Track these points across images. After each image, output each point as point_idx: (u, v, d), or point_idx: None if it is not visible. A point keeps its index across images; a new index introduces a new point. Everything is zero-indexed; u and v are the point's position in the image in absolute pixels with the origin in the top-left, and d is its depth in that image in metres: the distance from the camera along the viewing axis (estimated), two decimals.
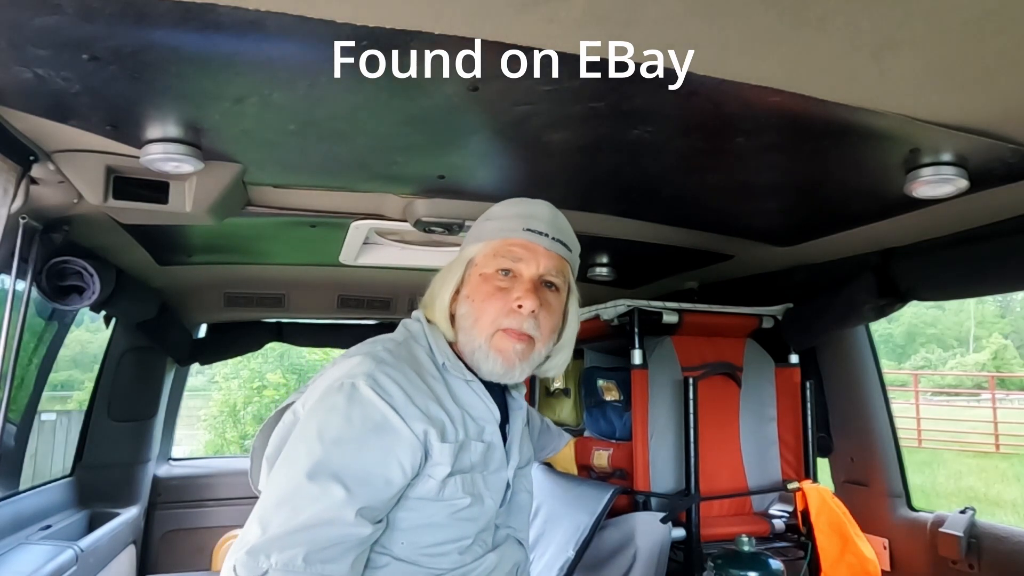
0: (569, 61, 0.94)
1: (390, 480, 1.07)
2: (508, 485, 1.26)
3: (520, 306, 1.19)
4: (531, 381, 2.84)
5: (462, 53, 0.93)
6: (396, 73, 1.00)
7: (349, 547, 1.02)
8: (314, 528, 1.00)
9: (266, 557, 0.97)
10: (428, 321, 1.27)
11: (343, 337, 3.20)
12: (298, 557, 0.98)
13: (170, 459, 3.35)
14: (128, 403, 2.85)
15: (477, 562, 1.17)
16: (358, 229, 1.95)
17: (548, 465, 2.38)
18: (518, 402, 1.35)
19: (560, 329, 1.31)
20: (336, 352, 2.52)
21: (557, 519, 2.01)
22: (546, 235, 1.25)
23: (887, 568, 2.15)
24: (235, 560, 0.99)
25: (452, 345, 1.25)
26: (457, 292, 1.26)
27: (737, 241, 2.02)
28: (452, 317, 1.26)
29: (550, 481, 2.20)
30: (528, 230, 1.24)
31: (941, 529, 1.97)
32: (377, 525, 1.06)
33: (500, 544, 1.24)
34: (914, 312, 34.35)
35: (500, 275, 1.22)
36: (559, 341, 1.32)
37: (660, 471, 1.96)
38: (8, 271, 1.55)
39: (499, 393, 1.29)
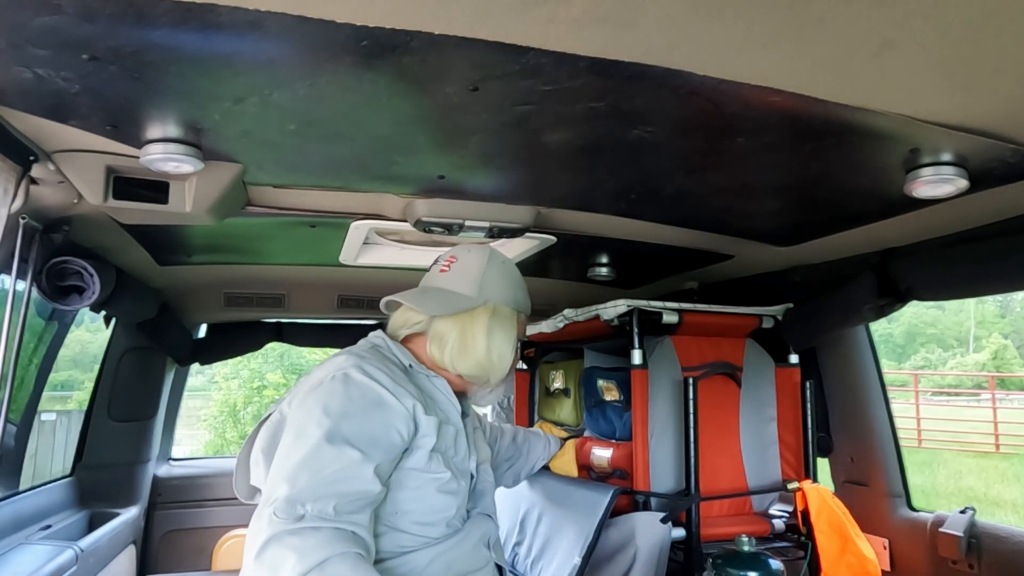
0: (569, 61, 0.94)
1: (393, 444, 1.25)
2: (472, 475, 1.45)
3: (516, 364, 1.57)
4: (530, 381, 2.84)
5: (462, 53, 0.93)
6: (396, 73, 1.00)
7: (368, 502, 1.18)
8: (339, 483, 1.15)
9: (302, 505, 1.11)
10: (389, 337, 1.50)
11: (343, 337, 3.19)
12: (329, 507, 1.12)
13: (170, 459, 3.35)
14: (128, 403, 2.85)
15: (459, 533, 1.37)
16: (358, 229, 1.95)
17: (546, 470, 2.38)
18: (468, 407, 1.59)
19: None
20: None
21: (561, 525, 2.01)
22: None
23: (887, 568, 2.16)
24: (273, 508, 1.11)
25: (417, 356, 1.48)
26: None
27: (737, 241, 2.02)
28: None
29: (550, 486, 2.20)
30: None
31: (941, 529, 1.97)
32: (383, 487, 1.22)
33: (472, 518, 1.44)
34: (914, 312, 34.36)
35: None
36: None
37: (660, 471, 1.96)
38: (8, 271, 1.55)
39: (455, 394, 1.49)
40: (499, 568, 1.50)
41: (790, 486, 2.03)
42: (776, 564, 1.60)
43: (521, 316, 1.57)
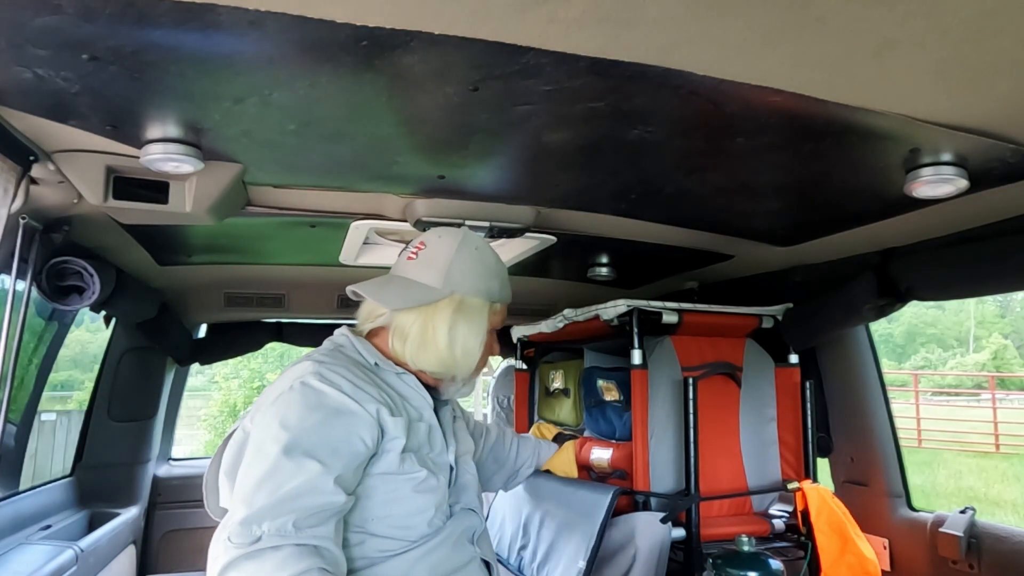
0: (569, 61, 0.94)
1: (356, 452, 1.19)
2: (452, 468, 1.40)
3: (493, 354, 1.50)
4: (530, 381, 2.84)
5: (462, 53, 0.93)
6: (396, 73, 1.00)
7: (331, 514, 1.14)
8: (299, 498, 1.10)
9: (258, 526, 1.06)
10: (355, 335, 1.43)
11: None
12: (288, 523, 1.08)
13: (170, 459, 3.35)
14: (128, 403, 2.85)
15: (440, 532, 1.32)
16: (358, 229, 1.95)
17: (546, 472, 2.38)
18: (442, 399, 1.51)
19: None
20: None
21: (563, 527, 2.01)
22: None
23: (887, 568, 2.16)
24: (228, 532, 1.07)
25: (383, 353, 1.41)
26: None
27: (737, 241, 2.02)
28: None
29: (551, 488, 2.20)
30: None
31: (941, 529, 1.97)
32: (349, 497, 1.17)
33: (455, 514, 1.38)
34: (914, 312, 34.36)
35: (492, 332, 1.49)
36: None
37: (660, 471, 1.96)
38: (8, 271, 1.55)
39: (428, 388, 1.44)
40: (487, 564, 1.44)
41: (790, 486, 2.03)
42: (776, 564, 1.60)
43: (496, 307, 1.48)
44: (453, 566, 1.33)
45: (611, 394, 2.14)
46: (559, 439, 2.25)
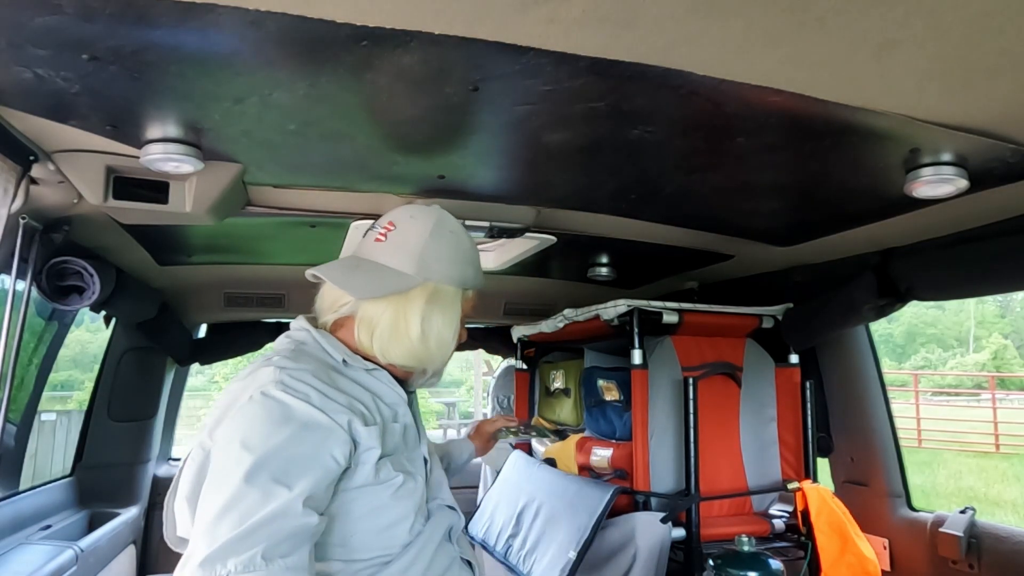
0: (569, 61, 0.94)
1: (328, 470, 1.07)
2: (426, 460, 1.31)
3: (462, 340, 1.39)
4: (530, 380, 2.84)
5: (462, 53, 0.93)
6: (396, 73, 1.00)
7: (304, 539, 1.02)
8: (267, 525, 0.98)
9: (222, 564, 0.95)
10: (315, 327, 1.29)
11: None
12: (257, 555, 0.97)
13: (170, 459, 3.35)
14: (128, 403, 2.85)
15: (420, 536, 1.21)
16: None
17: (550, 463, 2.38)
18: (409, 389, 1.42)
19: None
20: None
21: (557, 519, 2.01)
22: None
23: (887, 568, 2.16)
24: (190, 574, 0.95)
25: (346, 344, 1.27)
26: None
27: (737, 241, 2.02)
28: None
29: (550, 480, 2.20)
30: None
31: (941, 529, 1.97)
32: (321, 517, 1.06)
33: (433, 514, 1.28)
34: (914, 312, 34.37)
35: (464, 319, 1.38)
36: None
37: (660, 471, 1.96)
38: (8, 271, 1.55)
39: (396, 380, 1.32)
40: (469, 564, 1.35)
41: (790, 486, 2.03)
42: (776, 564, 1.60)
43: (469, 294, 1.36)
44: (436, 573, 1.24)
45: (611, 394, 2.15)
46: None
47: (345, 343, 1.26)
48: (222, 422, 1.09)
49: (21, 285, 1.58)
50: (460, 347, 1.44)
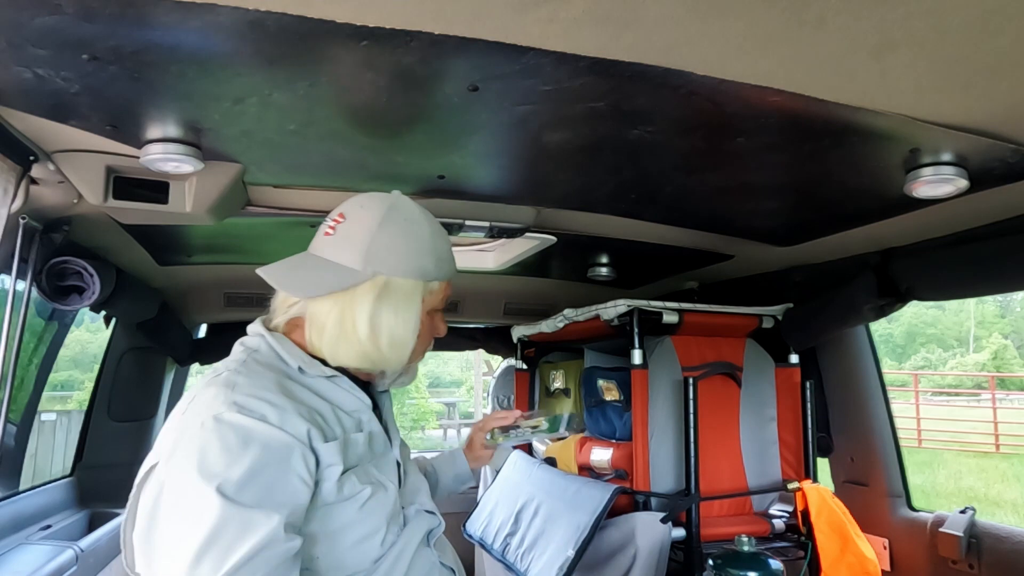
0: (569, 61, 0.94)
1: (298, 488, 1.01)
2: (399, 464, 1.25)
3: (437, 335, 1.32)
4: (530, 381, 2.84)
5: (462, 53, 0.93)
6: (396, 73, 1.00)
7: (292, 565, 0.97)
8: (256, 557, 0.92)
9: None
10: (270, 331, 1.21)
11: None
12: None
13: None
14: (128, 403, 2.85)
15: (394, 547, 1.14)
16: None
17: (550, 462, 2.38)
18: (380, 389, 1.35)
19: None
20: None
21: (557, 518, 2.01)
22: None
23: (887, 568, 2.16)
24: None
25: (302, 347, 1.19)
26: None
27: (737, 241, 2.02)
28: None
29: (550, 479, 2.20)
30: (457, 272, 1.32)
31: (941, 529, 1.97)
32: (300, 537, 1.00)
33: (410, 520, 1.21)
34: (914, 312, 34.39)
35: (435, 314, 1.29)
36: None
37: (660, 471, 1.96)
38: (8, 271, 1.55)
39: (362, 384, 1.24)
40: (451, 570, 1.28)
41: (790, 486, 2.03)
42: (776, 564, 1.60)
43: (434, 285, 1.24)
44: None
45: (611, 394, 2.15)
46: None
47: (300, 346, 1.19)
48: (175, 452, 0.99)
49: (21, 285, 1.58)
50: (448, 346, 1.41)
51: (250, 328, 1.24)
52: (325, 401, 1.14)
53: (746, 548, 1.62)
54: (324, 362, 1.18)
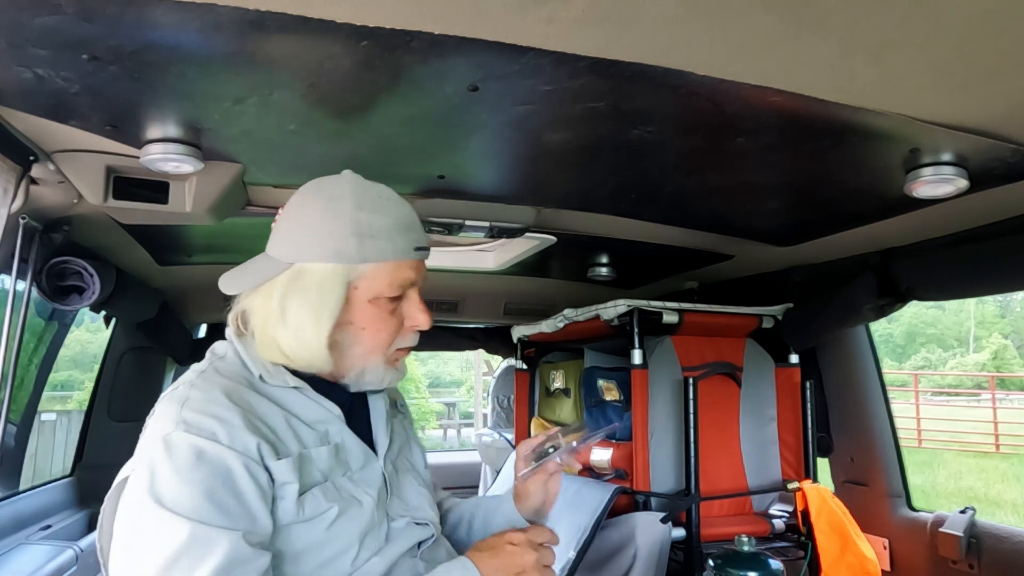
0: (569, 61, 0.94)
1: (254, 508, 0.95)
2: (384, 477, 1.13)
3: (415, 326, 1.14)
4: (530, 380, 2.84)
5: (462, 53, 0.93)
6: (396, 73, 1.00)
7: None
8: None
9: None
10: (237, 336, 1.15)
11: None
12: None
13: None
14: (128, 403, 2.85)
15: (369, 562, 1.06)
16: None
17: None
18: (371, 391, 1.21)
19: None
20: None
21: (557, 519, 2.00)
22: (427, 249, 1.14)
23: (887, 568, 2.16)
24: None
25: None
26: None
27: (737, 241, 2.02)
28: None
29: None
30: (417, 249, 1.12)
31: (941, 529, 1.97)
32: (269, 553, 0.96)
33: (395, 535, 1.11)
34: (914, 312, 34.40)
35: (390, 301, 1.11)
36: None
37: (660, 471, 1.96)
38: (8, 271, 1.55)
39: (341, 391, 1.14)
40: None
41: (790, 486, 2.03)
42: (776, 564, 1.60)
43: (365, 268, 1.07)
44: None
45: (611, 394, 2.15)
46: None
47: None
48: (132, 475, 0.97)
49: (21, 285, 1.58)
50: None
51: (228, 331, 1.18)
52: (285, 412, 1.06)
53: (746, 548, 1.62)
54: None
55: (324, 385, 1.12)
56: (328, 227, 1.07)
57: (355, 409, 1.17)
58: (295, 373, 1.10)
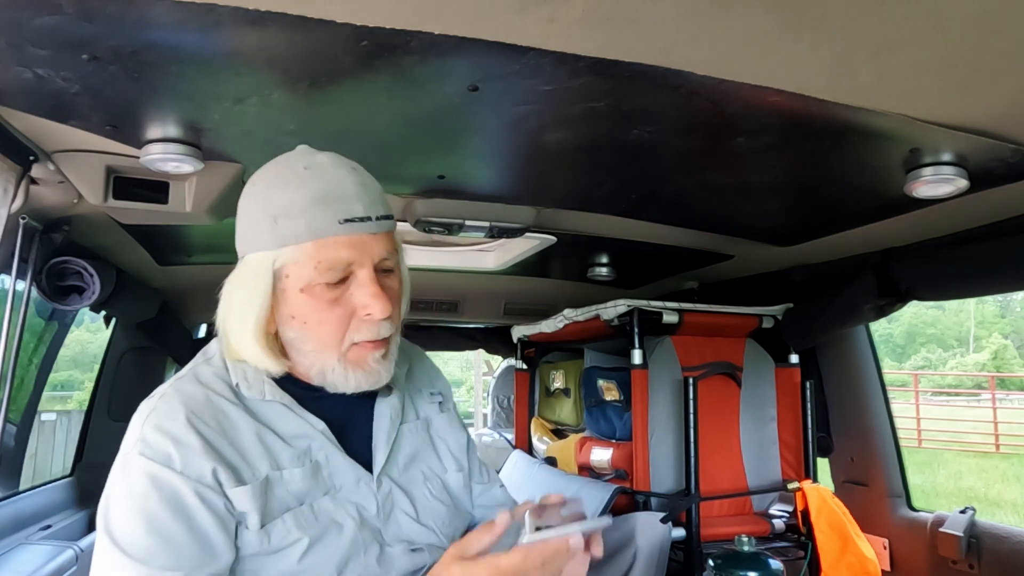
0: (569, 61, 0.94)
1: (209, 542, 0.88)
2: (375, 498, 1.01)
3: (369, 314, 0.96)
4: (530, 381, 2.84)
5: (462, 53, 0.93)
6: (396, 73, 1.00)
7: None
8: None
9: None
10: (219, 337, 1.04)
11: None
12: None
13: None
14: (128, 403, 2.82)
15: None
16: None
17: (550, 462, 2.38)
18: (383, 396, 1.09)
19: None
20: None
21: None
22: (369, 218, 0.97)
23: (887, 568, 2.16)
24: None
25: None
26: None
27: (737, 241, 2.02)
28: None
29: (550, 479, 2.20)
30: (347, 221, 0.94)
31: (941, 529, 1.97)
32: None
33: (385, 563, 0.99)
34: (914, 312, 34.42)
35: (328, 287, 0.95)
36: (403, 307, 1.07)
37: (660, 471, 1.96)
38: (8, 271, 1.55)
39: (339, 396, 1.02)
40: None
41: (790, 486, 2.03)
42: (776, 564, 1.60)
43: (290, 252, 0.94)
44: None
45: (611, 394, 2.15)
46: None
47: None
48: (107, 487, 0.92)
49: (21, 285, 1.58)
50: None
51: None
52: (259, 425, 0.97)
53: (746, 548, 1.62)
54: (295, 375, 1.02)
55: (319, 391, 1.01)
56: (250, 213, 0.99)
57: (356, 417, 1.06)
58: (290, 378, 1.01)
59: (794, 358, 2.20)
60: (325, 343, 0.97)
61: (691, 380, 1.92)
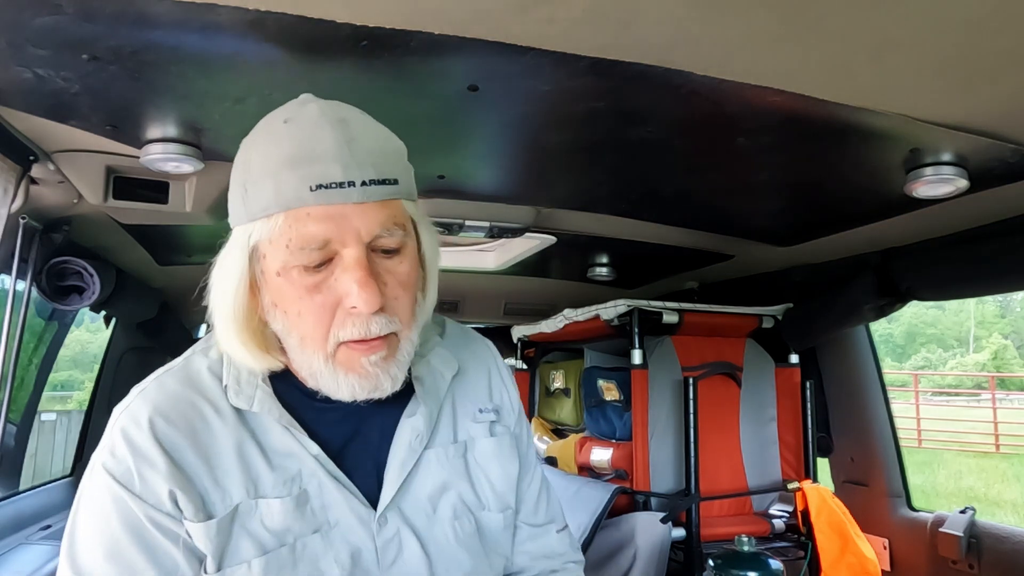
0: (569, 61, 0.94)
1: (174, 565, 0.78)
2: (374, 539, 0.84)
3: (354, 307, 0.77)
4: (530, 381, 2.84)
5: (462, 53, 0.93)
6: (396, 73, 1.00)
7: None
8: None
9: None
10: None
11: None
12: None
13: None
14: None
15: None
16: None
17: (550, 462, 2.38)
18: (410, 403, 0.90)
19: (422, 280, 0.88)
20: None
21: None
22: (351, 184, 0.76)
23: (887, 568, 2.16)
24: None
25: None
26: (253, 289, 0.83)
27: (737, 241, 2.02)
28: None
29: (550, 479, 2.20)
30: (320, 187, 0.75)
31: (941, 529, 1.97)
32: None
33: None
34: (914, 312, 34.42)
35: (307, 271, 0.77)
36: (424, 295, 0.89)
37: (660, 471, 1.96)
38: (8, 271, 1.55)
39: (350, 405, 0.84)
40: None
41: (790, 486, 2.03)
42: (776, 564, 1.60)
43: (263, 227, 0.78)
44: None
45: (611, 394, 2.15)
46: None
47: None
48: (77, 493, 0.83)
49: (21, 285, 1.58)
50: None
51: None
52: (243, 436, 0.83)
53: (746, 548, 1.62)
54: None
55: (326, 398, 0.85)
56: (231, 179, 0.83)
57: (371, 433, 0.88)
58: (294, 380, 0.87)
59: (794, 358, 2.20)
60: (306, 338, 0.80)
61: (691, 380, 1.92)
